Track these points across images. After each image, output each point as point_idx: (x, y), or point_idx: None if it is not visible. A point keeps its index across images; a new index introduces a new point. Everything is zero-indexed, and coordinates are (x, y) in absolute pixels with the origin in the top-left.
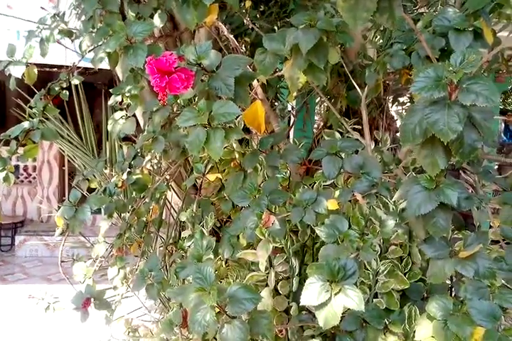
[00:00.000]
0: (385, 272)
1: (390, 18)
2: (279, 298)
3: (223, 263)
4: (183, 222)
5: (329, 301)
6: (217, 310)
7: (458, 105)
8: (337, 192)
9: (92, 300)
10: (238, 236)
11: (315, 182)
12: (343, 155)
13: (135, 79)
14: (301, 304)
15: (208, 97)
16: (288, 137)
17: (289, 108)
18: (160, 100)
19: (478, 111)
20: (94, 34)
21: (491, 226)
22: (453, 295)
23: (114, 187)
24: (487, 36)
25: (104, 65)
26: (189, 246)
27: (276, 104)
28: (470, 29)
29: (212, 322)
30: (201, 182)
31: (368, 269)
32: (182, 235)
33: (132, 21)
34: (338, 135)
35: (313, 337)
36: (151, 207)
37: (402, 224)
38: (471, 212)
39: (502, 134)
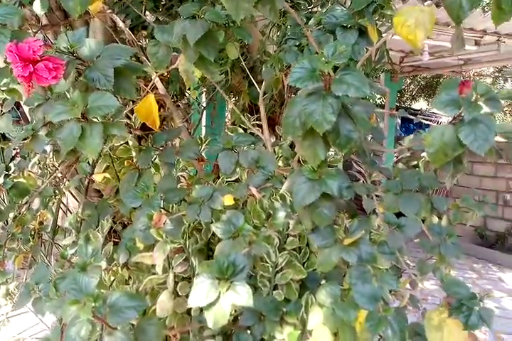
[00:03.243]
0: (284, 263)
1: (272, 10)
2: (180, 300)
3: (119, 269)
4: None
5: (217, 300)
6: (97, 322)
7: (332, 96)
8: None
9: None
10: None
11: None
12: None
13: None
14: (188, 306)
15: (86, 90)
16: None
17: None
18: (26, 92)
19: (360, 104)
20: None
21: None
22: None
23: None
24: (371, 34)
25: None
26: (72, 255)
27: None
28: (355, 27)
29: (87, 337)
30: (87, 183)
31: (267, 262)
32: (63, 242)
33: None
34: (241, 131)
35: (213, 336)
36: (39, 214)
37: (294, 215)
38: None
39: (398, 128)
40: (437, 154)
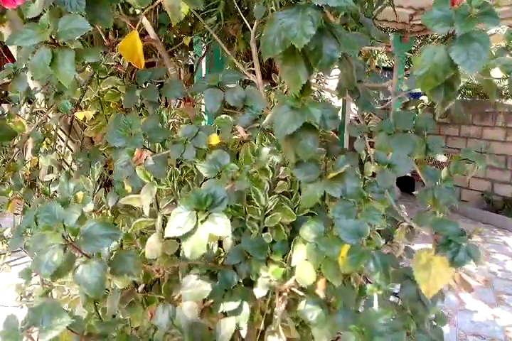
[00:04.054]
0: (273, 207)
1: None
2: (169, 242)
3: (109, 212)
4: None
5: (195, 230)
6: (72, 249)
7: (312, 7)
8: None
9: None
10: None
11: None
12: None
13: None
14: (165, 236)
15: (60, 16)
16: None
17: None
18: None
19: (352, 34)
20: None
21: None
22: None
23: None
24: None
25: None
26: (55, 192)
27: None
28: None
29: (60, 262)
30: (71, 121)
31: (257, 206)
32: (45, 179)
33: None
34: None
35: (200, 275)
36: (30, 160)
37: (279, 152)
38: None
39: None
40: (427, 77)
